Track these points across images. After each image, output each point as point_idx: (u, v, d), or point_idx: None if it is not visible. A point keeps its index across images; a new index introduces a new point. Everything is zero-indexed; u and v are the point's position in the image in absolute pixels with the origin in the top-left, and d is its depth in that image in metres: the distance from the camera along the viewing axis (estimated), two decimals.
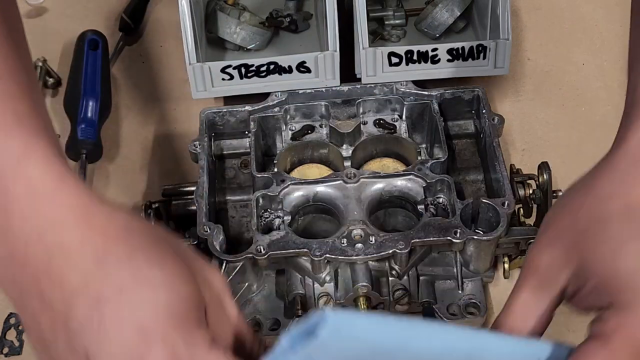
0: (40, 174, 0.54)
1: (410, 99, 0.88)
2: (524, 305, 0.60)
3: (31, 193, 0.53)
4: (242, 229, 0.85)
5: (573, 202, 0.61)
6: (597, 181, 0.60)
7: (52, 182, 0.54)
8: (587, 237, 0.58)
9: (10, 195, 0.53)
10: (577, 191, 0.62)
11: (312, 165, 0.87)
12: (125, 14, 1.06)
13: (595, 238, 0.58)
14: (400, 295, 0.78)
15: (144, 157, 0.96)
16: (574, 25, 1.06)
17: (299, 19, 0.99)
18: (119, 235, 0.54)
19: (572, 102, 0.99)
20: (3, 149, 0.53)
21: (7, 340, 0.82)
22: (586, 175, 0.62)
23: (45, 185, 0.54)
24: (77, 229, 0.53)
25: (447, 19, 0.96)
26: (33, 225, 0.53)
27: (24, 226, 0.53)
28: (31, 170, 0.54)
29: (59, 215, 0.53)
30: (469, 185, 0.87)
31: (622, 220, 0.57)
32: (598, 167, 0.62)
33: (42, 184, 0.54)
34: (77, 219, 0.53)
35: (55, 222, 0.53)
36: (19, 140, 0.54)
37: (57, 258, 0.52)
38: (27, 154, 0.54)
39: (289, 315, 0.78)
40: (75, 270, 0.52)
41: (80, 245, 0.53)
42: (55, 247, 0.53)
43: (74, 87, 0.96)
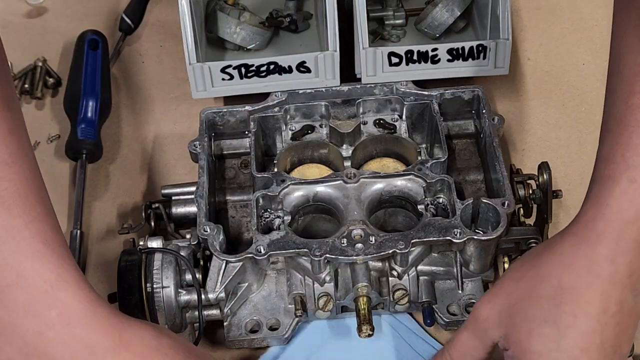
0: (72, 300, 0.57)
1: (410, 99, 0.88)
2: (463, 344, 0.67)
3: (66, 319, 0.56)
4: (242, 229, 0.85)
5: (522, 268, 0.65)
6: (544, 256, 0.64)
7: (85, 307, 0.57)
8: (516, 309, 0.63)
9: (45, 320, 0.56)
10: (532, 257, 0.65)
11: (312, 165, 0.87)
12: (125, 14, 1.06)
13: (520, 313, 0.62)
14: (400, 295, 0.78)
15: (144, 157, 0.96)
16: (574, 25, 1.06)
17: (299, 19, 0.99)
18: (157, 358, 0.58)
19: (572, 102, 0.99)
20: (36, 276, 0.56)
21: None
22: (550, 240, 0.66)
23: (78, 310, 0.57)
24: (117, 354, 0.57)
25: (447, 19, 0.96)
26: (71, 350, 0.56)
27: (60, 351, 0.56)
28: (64, 297, 0.57)
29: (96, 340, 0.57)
30: (469, 185, 0.87)
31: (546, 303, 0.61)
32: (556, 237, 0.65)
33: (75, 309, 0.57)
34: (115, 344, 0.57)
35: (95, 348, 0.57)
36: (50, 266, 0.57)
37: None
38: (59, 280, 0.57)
39: (289, 315, 0.78)
40: None
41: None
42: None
43: (74, 87, 0.96)
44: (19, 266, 0.56)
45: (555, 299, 0.61)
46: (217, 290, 0.75)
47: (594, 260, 0.60)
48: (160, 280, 0.74)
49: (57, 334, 0.56)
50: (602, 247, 0.61)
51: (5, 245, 0.55)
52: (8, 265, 0.55)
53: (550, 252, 0.63)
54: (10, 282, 0.55)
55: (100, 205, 0.92)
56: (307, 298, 0.78)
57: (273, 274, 0.81)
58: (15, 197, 0.56)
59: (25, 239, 0.56)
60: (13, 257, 0.56)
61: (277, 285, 0.80)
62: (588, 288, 0.60)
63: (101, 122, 0.95)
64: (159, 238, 0.78)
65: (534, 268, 0.64)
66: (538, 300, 0.62)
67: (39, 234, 0.57)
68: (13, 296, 0.56)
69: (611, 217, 0.60)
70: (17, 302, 0.56)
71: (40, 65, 1.01)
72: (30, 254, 0.56)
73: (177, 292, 0.75)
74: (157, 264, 0.75)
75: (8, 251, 0.55)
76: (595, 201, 0.62)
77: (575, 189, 0.90)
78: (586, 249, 0.61)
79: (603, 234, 0.61)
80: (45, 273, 0.56)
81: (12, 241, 0.56)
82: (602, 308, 0.60)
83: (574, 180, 0.91)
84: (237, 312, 0.79)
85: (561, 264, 0.62)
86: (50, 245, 0.57)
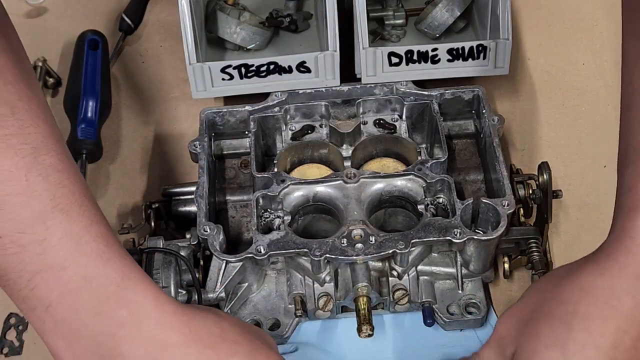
0: (141, 298, 0.58)
1: (410, 99, 0.88)
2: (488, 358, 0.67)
3: (136, 317, 0.57)
4: (242, 229, 0.85)
5: (544, 288, 0.65)
6: (566, 280, 0.63)
7: (153, 305, 0.58)
8: (529, 328, 0.63)
9: (116, 321, 0.57)
10: (555, 278, 0.65)
11: (312, 165, 0.87)
12: (125, 14, 1.06)
13: (531, 332, 0.62)
14: (400, 295, 0.78)
15: (144, 157, 0.96)
16: (574, 25, 1.06)
17: (299, 19, 0.99)
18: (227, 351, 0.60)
19: (572, 102, 0.98)
20: (103, 277, 0.57)
21: (7, 340, 0.82)
22: (574, 264, 0.65)
23: (147, 308, 0.58)
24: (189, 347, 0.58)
25: (447, 19, 0.96)
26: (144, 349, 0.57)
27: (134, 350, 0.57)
28: (132, 295, 0.58)
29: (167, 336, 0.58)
30: (469, 185, 0.87)
31: (558, 326, 0.61)
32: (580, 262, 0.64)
33: (144, 307, 0.58)
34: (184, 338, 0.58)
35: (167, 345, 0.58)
36: (115, 266, 0.58)
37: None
38: (125, 279, 0.58)
39: (289, 315, 0.78)
40: None
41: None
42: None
43: (74, 87, 0.96)
44: (85, 269, 0.56)
45: (567, 324, 0.60)
46: (217, 290, 0.75)
47: (613, 293, 0.60)
48: (161, 280, 0.74)
49: (130, 333, 0.57)
50: (623, 280, 0.60)
51: (69, 250, 0.56)
52: (73, 269, 0.56)
53: (572, 276, 0.63)
54: (78, 285, 0.56)
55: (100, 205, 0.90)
56: (307, 298, 0.78)
57: (273, 274, 0.81)
58: (71, 201, 0.57)
59: (87, 242, 0.57)
60: (77, 261, 0.56)
61: (277, 285, 0.80)
62: (603, 320, 0.59)
63: (101, 122, 0.95)
64: (159, 238, 0.78)
65: (555, 290, 0.63)
66: (551, 323, 0.61)
67: (99, 235, 0.58)
68: (81, 299, 0.56)
69: (634, 249, 0.59)
70: (86, 305, 0.56)
71: (40, 65, 1.01)
72: (94, 256, 0.57)
73: (177, 292, 0.75)
74: (157, 264, 0.75)
75: (72, 256, 0.56)
76: (620, 233, 0.61)
77: (575, 189, 0.90)
78: (607, 279, 0.60)
79: (625, 267, 0.60)
80: (111, 273, 0.57)
81: (74, 245, 0.56)
82: (614, 342, 0.59)
83: (574, 180, 0.91)
84: (237, 312, 0.79)
85: (580, 291, 0.61)
86: (111, 246, 0.58)
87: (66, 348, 0.57)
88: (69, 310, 0.56)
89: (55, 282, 0.56)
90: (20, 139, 0.55)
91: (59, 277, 0.55)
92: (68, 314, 0.56)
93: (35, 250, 0.55)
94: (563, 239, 0.86)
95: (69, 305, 0.56)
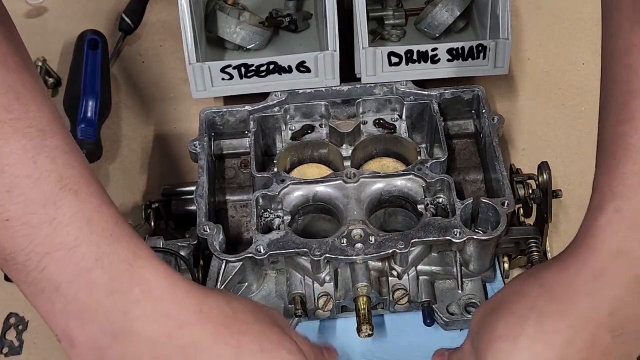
0: (154, 276, 0.58)
1: (410, 99, 0.88)
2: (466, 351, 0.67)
3: (150, 295, 0.57)
4: (242, 229, 0.85)
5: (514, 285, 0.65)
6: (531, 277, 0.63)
7: (166, 283, 0.58)
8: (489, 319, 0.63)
9: (130, 298, 0.57)
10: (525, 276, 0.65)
11: (312, 165, 0.87)
12: (125, 14, 1.06)
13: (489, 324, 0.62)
14: (400, 295, 0.78)
15: (144, 157, 0.96)
16: (574, 25, 1.06)
17: (299, 19, 0.99)
18: (240, 329, 0.60)
19: (572, 102, 0.99)
20: (115, 255, 0.57)
21: (7, 340, 0.82)
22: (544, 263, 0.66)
23: (160, 286, 0.58)
24: (203, 325, 0.58)
25: (447, 19, 0.96)
26: (158, 327, 0.57)
27: (148, 328, 0.57)
28: (145, 273, 0.58)
29: (181, 314, 0.58)
30: (469, 185, 0.87)
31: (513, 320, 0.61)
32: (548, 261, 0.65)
33: (158, 285, 0.58)
34: (198, 316, 0.58)
35: (182, 323, 0.58)
36: (126, 245, 0.58)
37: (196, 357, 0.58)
38: (137, 258, 0.58)
39: (289, 315, 0.78)
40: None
41: (213, 343, 0.58)
42: (190, 345, 0.58)
43: (74, 87, 0.96)
44: (97, 248, 0.56)
45: (523, 318, 0.60)
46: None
47: (571, 291, 0.59)
48: None
49: (144, 311, 0.57)
50: (582, 278, 0.59)
51: (80, 230, 0.55)
52: (85, 247, 0.56)
53: (538, 273, 0.63)
54: (90, 264, 0.56)
55: None
56: (307, 298, 0.78)
57: (273, 273, 0.81)
58: (80, 183, 0.56)
59: (98, 222, 0.56)
60: (89, 240, 0.56)
61: (277, 285, 0.80)
62: (558, 317, 0.59)
63: (101, 122, 0.95)
64: (159, 238, 0.78)
65: (521, 285, 0.63)
66: (508, 317, 0.61)
67: (109, 215, 0.58)
68: (94, 278, 0.56)
69: (595, 247, 0.58)
70: (100, 283, 0.56)
71: (40, 65, 1.01)
72: (105, 235, 0.57)
73: None
74: None
75: (83, 235, 0.56)
76: (584, 230, 0.60)
77: (575, 189, 0.90)
78: (566, 277, 0.60)
79: (584, 266, 0.59)
80: (123, 252, 0.57)
81: (85, 225, 0.56)
82: (567, 342, 0.58)
83: (574, 180, 0.91)
84: None
85: (541, 287, 0.61)
86: (121, 226, 0.58)
87: (79, 327, 0.57)
88: (81, 289, 0.56)
89: (66, 261, 0.55)
90: (26, 122, 0.54)
91: (71, 256, 0.55)
92: (80, 293, 0.56)
93: (46, 231, 0.54)
94: (563, 239, 0.86)
95: (81, 284, 0.56)
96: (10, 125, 0.54)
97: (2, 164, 0.53)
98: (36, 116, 0.56)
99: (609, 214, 0.58)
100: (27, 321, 0.83)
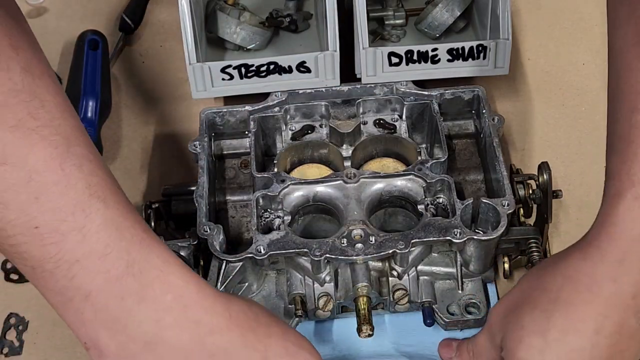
0: (184, 283, 0.58)
1: (410, 99, 0.88)
2: (480, 343, 0.68)
3: (181, 302, 0.57)
4: (242, 229, 0.85)
5: (532, 277, 0.66)
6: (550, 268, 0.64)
7: (196, 289, 0.58)
8: (514, 316, 0.64)
9: (162, 306, 0.56)
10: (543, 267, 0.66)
11: (312, 165, 0.87)
12: (125, 14, 1.06)
13: (516, 321, 0.63)
14: (400, 295, 0.78)
15: (144, 157, 0.96)
16: (574, 25, 1.06)
17: (299, 19, 0.99)
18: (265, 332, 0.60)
19: (572, 102, 0.98)
20: (145, 262, 0.56)
21: (7, 340, 0.82)
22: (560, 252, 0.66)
23: (190, 293, 0.58)
24: (231, 331, 0.59)
25: (447, 19, 0.96)
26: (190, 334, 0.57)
27: (180, 336, 0.57)
28: (174, 280, 0.57)
29: (211, 320, 0.58)
30: (469, 185, 0.87)
31: (539, 314, 0.61)
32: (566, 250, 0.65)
33: (188, 292, 0.58)
34: (226, 322, 0.59)
35: (212, 329, 0.58)
36: (156, 251, 0.57)
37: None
38: (167, 264, 0.57)
39: (289, 315, 0.78)
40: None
41: (243, 346, 0.59)
42: (221, 351, 0.58)
43: (74, 87, 0.96)
44: (127, 255, 0.56)
45: (549, 311, 0.61)
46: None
47: (595, 279, 0.60)
48: None
49: (175, 319, 0.57)
50: (605, 265, 0.60)
51: (109, 236, 0.55)
52: (116, 254, 0.55)
53: (557, 265, 0.63)
54: (121, 271, 0.55)
55: None
56: (307, 298, 0.78)
57: (273, 274, 0.81)
58: (105, 190, 0.56)
59: (127, 228, 0.56)
60: (119, 247, 0.55)
61: (277, 285, 0.80)
62: (585, 305, 0.60)
63: (101, 122, 0.95)
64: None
65: (540, 278, 0.64)
66: (533, 311, 0.62)
67: (136, 222, 0.57)
68: (125, 285, 0.55)
69: (615, 235, 0.60)
70: (131, 291, 0.56)
71: None
72: (135, 241, 0.56)
73: None
74: None
75: (113, 242, 0.55)
76: (602, 219, 0.61)
77: (575, 189, 0.90)
78: (589, 266, 0.60)
79: (607, 252, 0.60)
80: (153, 259, 0.57)
81: (115, 232, 0.55)
82: (596, 328, 0.59)
83: (574, 180, 0.91)
84: None
85: (563, 278, 0.62)
86: (149, 233, 0.58)
87: (109, 337, 0.56)
88: (112, 298, 0.55)
89: (97, 269, 0.55)
90: (51, 130, 0.54)
91: (101, 264, 0.55)
92: (111, 301, 0.55)
93: (76, 238, 0.54)
94: (563, 239, 0.86)
95: (112, 292, 0.55)
96: (36, 133, 0.53)
97: (29, 172, 0.53)
98: (61, 124, 0.55)
99: (629, 202, 0.59)
100: (27, 321, 0.83)
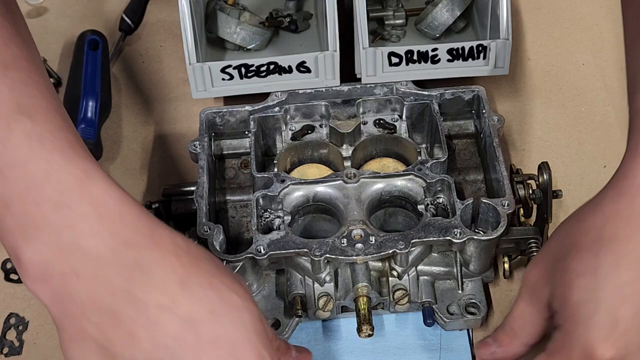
0: (103, 195, 0.57)
1: (410, 99, 0.88)
2: (521, 314, 0.67)
3: (98, 212, 0.56)
4: (242, 229, 0.85)
5: (566, 226, 0.66)
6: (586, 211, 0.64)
7: (116, 203, 0.57)
8: (559, 264, 0.63)
9: (77, 212, 0.56)
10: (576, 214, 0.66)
11: (312, 165, 0.87)
12: (125, 14, 1.06)
13: (563, 267, 0.62)
14: (400, 295, 0.78)
15: (144, 157, 0.96)
16: (574, 25, 1.06)
17: (299, 19, 0.99)
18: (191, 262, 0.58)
19: (572, 102, 0.99)
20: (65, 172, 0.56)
21: (7, 340, 0.82)
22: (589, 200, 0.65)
23: (109, 205, 0.57)
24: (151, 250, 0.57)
25: (447, 19, 0.96)
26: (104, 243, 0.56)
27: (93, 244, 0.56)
28: (95, 191, 0.56)
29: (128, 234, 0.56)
30: (469, 185, 0.87)
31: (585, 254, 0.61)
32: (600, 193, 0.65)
33: (107, 203, 0.57)
34: (147, 240, 0.57)
35: (129, 242, 0.56)
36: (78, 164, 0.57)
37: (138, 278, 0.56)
38: (88, 177, 0.57)
39: (289, 315, 0.78)
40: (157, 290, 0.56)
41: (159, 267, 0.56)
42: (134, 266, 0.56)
43: (74, 87, 0.96)
44: (47, 164, 0.55)
45: (594, 250, 0.60)
46: None
47: (634, 211, 0.60)
48: None
49: (90, 227, 0.56)
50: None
51: (30, 147, 0.55)
52: (35, 163, 0.55)
53: (593, 206, 0.63)
54: (39, 180, 0.55)
55: None
56: (307, 298, 0.78)
57: (273, 274, 0.81)
58: (37, 109, 0.56)
59: (51, 141, 0.56)
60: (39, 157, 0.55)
61: (277, 285, 0.80)
62: (629, 239, 0.60)
63: (101, 122, 0.95)
64: None
65: (577, 223, 0.64)
66: (578, 253, 0.61)
67: (63, 138, 0.57)
68: (43, 193, 0.55)
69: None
70: (48, 198, 0.55)
71: None
72: (57, 153, 0.56)
73: None
74: None
75: (34, 152, 0.55)
76: (634, 152, 0.61)
77: (575, 189, 0.90)
78: (627, 200, 0.60)
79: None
80: (73, 170, 0.56)
81: (37, 144, 0.55)
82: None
83: (574, 180, 0.91)
84: None
85: (602, 216, 0.62)
86: (76, 149, 0.57)
87: (25, 244, 0.56)
88: (29, 205, 0.55)
89: (16, 178, 0.55)
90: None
91: (21, 172, 0.55)
92: (28, 208, 0.55)
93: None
94: None
95: (30, 199, 0.55)
96: None
97: None
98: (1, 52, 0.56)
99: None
100: (27, 321, 0.83)
